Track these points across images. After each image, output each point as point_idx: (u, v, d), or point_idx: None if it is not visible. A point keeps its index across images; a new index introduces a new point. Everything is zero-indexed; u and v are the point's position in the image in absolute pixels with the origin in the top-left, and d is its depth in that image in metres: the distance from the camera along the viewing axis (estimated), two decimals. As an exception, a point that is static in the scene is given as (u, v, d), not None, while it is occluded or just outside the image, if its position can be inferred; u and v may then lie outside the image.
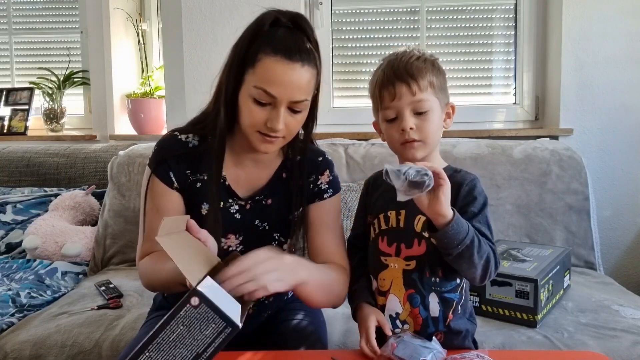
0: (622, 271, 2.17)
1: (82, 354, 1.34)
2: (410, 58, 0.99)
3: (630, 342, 1.26)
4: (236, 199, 1.10)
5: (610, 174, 2.15)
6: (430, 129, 0.97)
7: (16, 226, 2.10)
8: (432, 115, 0.97)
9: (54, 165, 2.30)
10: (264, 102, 0.97)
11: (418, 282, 0.96)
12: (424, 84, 0.96)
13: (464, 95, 2.35)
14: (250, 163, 1.11)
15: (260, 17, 1.00)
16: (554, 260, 1.47)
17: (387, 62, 1.01)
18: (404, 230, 0.98)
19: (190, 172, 1.08)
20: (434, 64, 1.00)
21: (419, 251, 0.97)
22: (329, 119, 2.31)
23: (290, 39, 0.98)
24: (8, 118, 2.67)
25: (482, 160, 1.89)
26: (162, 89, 2.55)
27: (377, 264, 1.01)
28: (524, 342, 1.28)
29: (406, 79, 0.96)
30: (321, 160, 1.15)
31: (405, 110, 0.96)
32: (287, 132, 1.01)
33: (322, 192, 1.14)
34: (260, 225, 1.12)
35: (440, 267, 0.96)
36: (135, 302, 1.57)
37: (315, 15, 2.29)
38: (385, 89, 0.99)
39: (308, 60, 0.98)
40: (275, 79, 0.95)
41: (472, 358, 0.87)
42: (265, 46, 0.96)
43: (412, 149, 0.98)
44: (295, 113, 1.00)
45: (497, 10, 2.31)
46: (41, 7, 2.76)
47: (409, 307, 0.97)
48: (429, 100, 0.97)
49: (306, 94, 1.00)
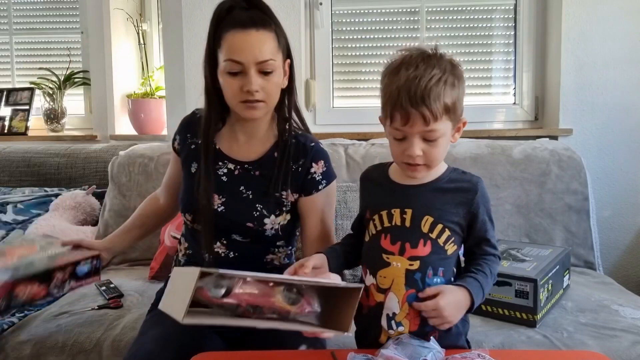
0: (621, 271, 2.17)
1: (82, 353, 1.34)
2: (431, 80, 0.91)
3: (629, 342, 1.27)
4: (226, 162, 1.20)
5: (610, 174, 2.16)
6: (437, 154, 0.95)
7: (17, 226, 2.10)
8: (443, 140, 0.94)
9: (55, 165, 2.30)
10: (235, 71, 1.09)
11: (420, 282, 0.96)
12: (439, 111, 0.91)
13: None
14: (243, 137, 1.21)
15: (216, 8, 1.13)
16: (554, 260, 1.47)
17: (406, 79, 0.92)
18: (410, 230, 0.98)
19: (190, 135, 1.25)
20: (449, 81, 0.93)
21: (424, 252, 0.96)
22: (329, 119, 2.31)
23: (244, 14, 1.10)
24: (9, 118, 2.68)
25: (482, 161, 1.89)
26: (162, 89, 2.55)
27: (377, 260, 1.00)
28: (524, 341, 1.29)
29: (421, 108, 0.90)
30: (312, 146, 1.20)
31: (414, 137, 0.93)
32: (265, 95, 1.11)
33: (317, 184, 1.19)
34: (245, 193, 1.18)
35: (443, 268, 0.97)
36: (136, 302, 1.57)
37: (315, 15, 2.29)
38: (397, 111, 0.92)
39: (262, 25, 1.09)
40: (236, 47, 1.08)
41: (473, 358, 0.87)
42: (225, 27, 1.10)
43: (415, 171, 0.97)
44: (266, 75, 1.10)
45: (496, 10, 2.31)
46: (42, 8, 2.76)
47: (407, 308, 0.96)
48: (440, 129, 0.92)
49: (270, 54, 1.09)
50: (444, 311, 0.91)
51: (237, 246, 1.19)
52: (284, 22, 1.17)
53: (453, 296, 0.93)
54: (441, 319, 0.92)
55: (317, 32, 2.32)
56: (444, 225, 0.97)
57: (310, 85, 2.30)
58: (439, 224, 0.97)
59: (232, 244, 1.19)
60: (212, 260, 1.18)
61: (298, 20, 2.20)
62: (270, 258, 1.22)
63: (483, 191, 0.99)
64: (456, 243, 0.99)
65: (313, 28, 2.32)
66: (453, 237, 0.98)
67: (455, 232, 0.98)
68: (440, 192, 0.99)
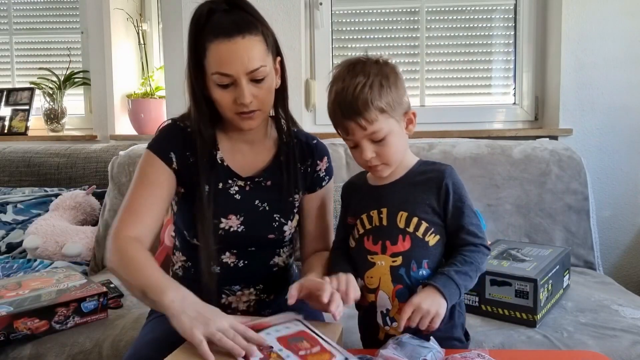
0: (621, 271, 2.17)
1: (82, 353, 1.34)
2: (355, 89, 0.94)
3: (629, 342, 1.27)
4: (236, 180, 1.13)
5: (610, 174, 2.16)
6: (391, 152, 0.98)
7: (17, 226, 2.10)
8: (391, 138, 0.97)
9: (55, 165, 2.30)
10: (225, 83, 1.02)
11: (405, 277, 0.98)
12: (372, 116, 0.94)
13: (464, 95, 2.35)
14: (245, 146, 1.15)
15: (194, 12, 1.05)
16: (554, 260, 1.47)
17: (335, 94, 0.98)
18: (388, 228, 1.00)
19: (190, 153, 1.11)
20: (381, 83, 0.95)
21: (404, 247, 0.98)
22: (329, 119, 2.30)
23: (226, 19, 1.02)
24: (9, 118, 2.68)
25: (482, 161, 1.89)
26: (162, 89, 2.55)
27: (363, 263, 1.02)
28: (524, 341, 1.29)
29: (353, 117, 0.94)
30: (316, 144, 1.20)
31: (362, 142, 0.97)
32: (260, 103, 1.05)
33: (321, 180, 1.19)
34: (261, 206, 1.14)
35: (427, 259, 0.98)
36: (136, 302, 1.57)
37: (315, 15, 2.29)
38: (337, 125, 1.00)
39: (248, 30, 1.01)
40: (223, 59, 1.00)
41: (473, 357, 0.87)
42: (207, 35, 1.01)
43: (377, 171, 1.01)
44: (258, 82, 1.03)
45: (496, 10, 2.31)
46: (42, 8, 2.77)
47: (398, 303, 0.98)
48: (382, 129, 0.95)
49: (259, 60, 1.02)
50: (422, 305, 0.90)
51: (249, 255, 1.15)
52: (284, 22, 1.16)
53: (422, 295, 0.93)
54: (425, 315, 0.90)
55: (317, 32, 2.32)
56: (419, 218, 0.98)
57: (310, 85, 2.30)
58: (414, 217, 0.98)
59: (244, 254, 1.15)
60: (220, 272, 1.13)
61: (298, 20, 2.20)
62: (275, 261, 1.20)
63: (452, 177, 1.00)
64: (437, 233, 0.99)
65: (313, 28, 2.32)
66: (432, 228, 0.99)
67: (432, 222, 0.99)
68: (411, 185, 1.01)
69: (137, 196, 1.07)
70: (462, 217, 0.99)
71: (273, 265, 1.20)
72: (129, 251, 1.01)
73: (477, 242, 0.99)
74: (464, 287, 0.95)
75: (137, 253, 1.01)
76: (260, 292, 1.18)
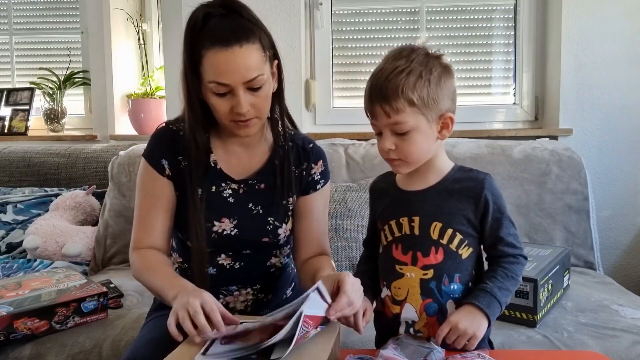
0: (621, 271, 2.17)
1: (82, 353, 1.34)
2: (391, 74, 0.88)
3: (629, 342, 1.26)
4: (229, 183, 1.13)
5: (610, 174, 2.16)
6: (411, 149, 0.91)
7: (17, 226, 2.10)
8: (416, 135, 0.90)
9: (55, 165, 2.30)
10: (222, 92, 1.01)
11: (435, 291, 0.93)
12: (399, 105, 0.87)
13: (464, 95, 2.35)
14: (239, 149, 1.15)
15: (190, 17, 1.03)
16: (554, 260, 1.47)
17: (372, 75, 0.92)
18: (420, 238, 0.94)
19: (182, 158, 1.12)
20: (421, 74, 0.88)
21: (436, 259, 0.93)
22: (329, 119, 2.31)
23: (223, 26, 1.00)
24: (9, 118, 2.68)
25: (482, 161, 1.89)
26: (162, 89, 2.55)
27: (391, 272, 0.97)
28: (524, 341, 1.29)
29: (380, 101, 0.89)
30: (312, 148, 1.18)
31: (384, 130, 0.91)
32: (257, 111, 1.04)
33: (315, 183, 1.18)
34: (254, 209, 1.14)
35: (459, 273, 0.94)
36: (136, 302, 1.57)
37: (315, 15, 2.29)
38: (366, 106, 0.94)
39: (246, 38, 0.99)
40: (221, 69, 0.99)
41: (473, 358, 0.87)
42: (204, 42, 0.99)
43: (394, 166, 0.96)
44: (255, 91, 1.02)
45: (496, 10, 2.31)
46: (42, 8, 2.76)
47: (425, 317, 0.94)
48: (407, 122, 0.88)
49: (257, 69, 1.01)
50: (459, 325, 0.87)
51: (244, 257, 1.16)
52: (284, 22, 1.16)
53: (462, 313, 0.90)
54: (463, 335, 0.88)
55: (317, 32, 2.32)
56: (454, 230, 0.93)
57: (310, 85, 2.30)
58: (449, 229, 0.93)
59: (239, 256, 1.15)
60: (216, 273, 1.14)
61: (298, 20, 2.20)
62: (272, 262, 1.20)
63: (491, 187, 0.94)
64: (471, 245, 0.95)
65: (313, 28, 2.32)
66: (466, 240, 0.94)
67: (467, 234, 0.94)
68: (446, 194, 0.95)
69: (142, 209, 1.14)
70: (500, 229, 0.94)
71: (270, 266, 1.20)
72: (144, 262, 1.10)
73: (516, 254, 0.95)
74: (504, 303, 0.92)
75: (150, 263, 1.09)
76: (258, 292, 1.18)
